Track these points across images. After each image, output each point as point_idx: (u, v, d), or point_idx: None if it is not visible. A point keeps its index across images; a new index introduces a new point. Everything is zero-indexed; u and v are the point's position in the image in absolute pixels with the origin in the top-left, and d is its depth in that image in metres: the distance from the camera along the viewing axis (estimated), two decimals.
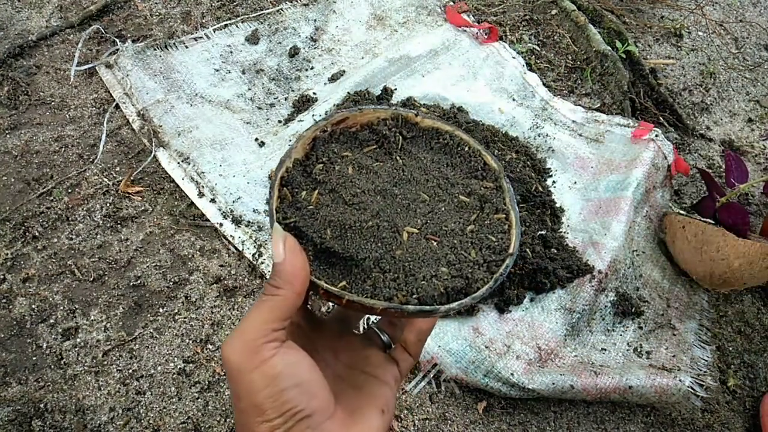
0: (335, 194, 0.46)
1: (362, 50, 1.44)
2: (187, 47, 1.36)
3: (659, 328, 1.07)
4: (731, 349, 1.09)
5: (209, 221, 1.10)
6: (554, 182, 1.24)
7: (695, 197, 1.30)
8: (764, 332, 1.12)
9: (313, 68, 1.40)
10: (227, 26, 1.41)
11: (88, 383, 0.92)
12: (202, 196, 1.12)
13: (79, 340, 0.95)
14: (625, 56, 1.44)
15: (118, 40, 1.32)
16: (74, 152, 1.17)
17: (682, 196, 1.31)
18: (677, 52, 1.59)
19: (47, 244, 1.05)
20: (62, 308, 0.98)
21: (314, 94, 1.33)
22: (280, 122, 1.28)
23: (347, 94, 1.28)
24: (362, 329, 0.89)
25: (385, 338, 0.49)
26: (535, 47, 1.51)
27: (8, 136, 1.18)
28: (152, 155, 1.17)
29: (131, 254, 1.05)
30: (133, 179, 1.15)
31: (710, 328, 1.10)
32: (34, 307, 0.98)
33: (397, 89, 1.32)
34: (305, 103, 1.30)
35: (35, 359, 0.93)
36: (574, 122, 1.34)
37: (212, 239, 1.09)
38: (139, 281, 1.02)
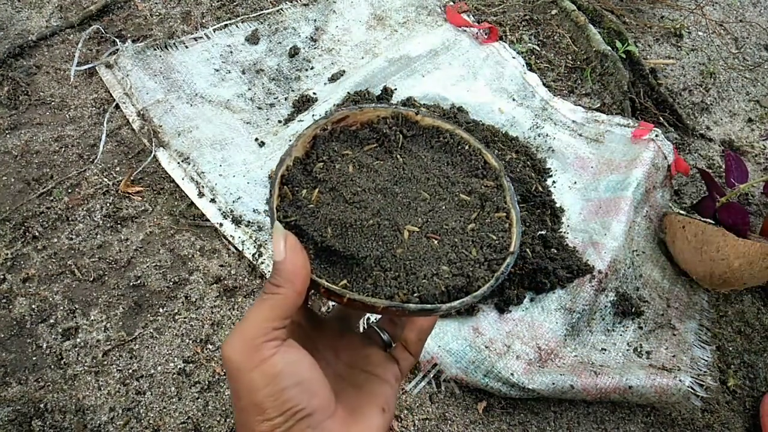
0: (336, 193, 0.46)
1: (362, 50, 1.44)
2: (187, 47, 1.36)
3: (659, 328, 1.07)
4: (731, 349, 1.09)
5: (209, 221, 1.10)
6: (554, 182, 1.24)
7: (695, 197, 1.30)
8: (764, 332, 1.12)
9: (313, 68, 1.40)
10: (227, 26, 1.41)
11: (88, 383, 0.92)
12: (202, 196, 1.12)
13: (79, 340, 0.95)
14: (625, 56, 1.44)
15: (118, 40, 1.32)
16: (74, 152, 1.17)
17: (682, 196, 1.31)
18: (677, 52, 1.59)
19: (47, 244, 1.05)
20: (62, 308, 0.98)
21: (314, 94, 1.33)
22: (280, 122, 1.28)
23: (347, 94, 1.28)
24: (363, 328, 0.89)
25: (385, 337, 0.49)
26: (535, 47, 1.51)
27: (8, 136, 1.18)
28: (152, 155, 1.17)
29: (131, 254, 1.05)
30: (133, 179, 1.15)
31: (710, 328, 1.10)
32: (34, 307, 0.98)
33: (397, 89, 1.32)
34: (305, 103, 1.30)
35: (35, 359, 0.93)
36: (574, 122, 1.34)
37: (212, 239, 1.09)
38: (139, 281, 1.02)
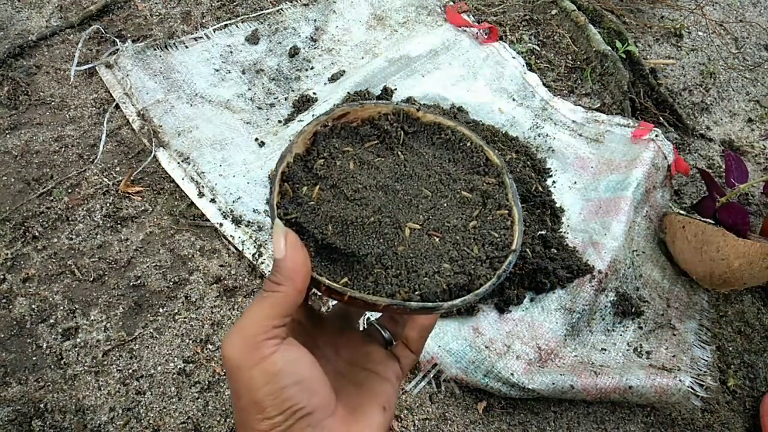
0: (336, 190, 0.45)
1: (362, 50, 1.44)
2: (187, 47, 1.35)
3: (659, 328, 1.06)
4: (731, 349, 1.09)
5: (209, 221, 1.10)
6: (554, 182, 1.24)
7: (695, 197, 1.30)
8: (764, 332, 1.12)
9: (313, 68, 1.40)
10: (227, 26, 1.41)
11: (88, 383, 0.91)
12: (202, 196, 1.12)
13: (79, 340, 0.95)
14: (625, 56, 1.44)
15: (118, 40, 1.32)
16: (74, 152, 1.17)
17: (682, 196, 1.31)
18: (677, 52, 1.59)
19: (47, 244, 1.05)
20: (62, 308, 0.98)
21: (314, 94, 1.33)
22: (280, 122, 1.28)
23: (347, 94, 1.28)
24: (363, 326, 0.89)
25: (386, 335, 0.49)
26: (535, 47, 1.51)
27: (8, 136, 1.18)
28: (152, 155, 1.17)
29: (131, 254, 1.05)
30: (133, 179, 1.15)
31: (710, 328, 1.09)
32: (34, 307, 0.98)
33: (397, 89, 1.32)
34: (305, 103, 1.30)
35: (35, 359, 0.93)
36: (574, 122, 1.34)
37: (212, 239, 1.09)
38: (139, 281, 1.02)
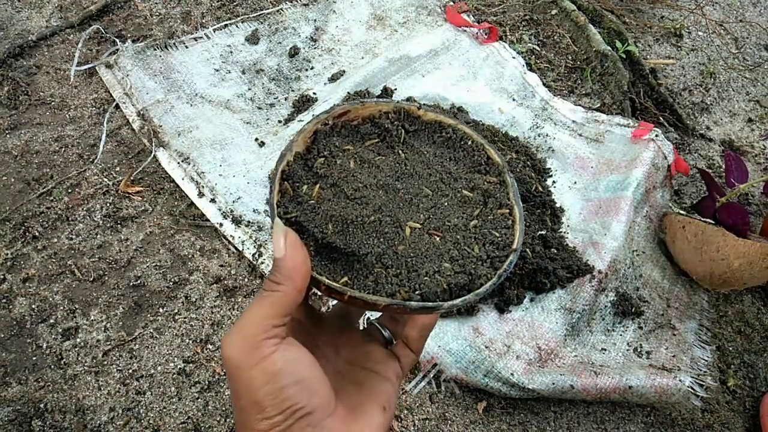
0: (337, 188, 0.45)
1: (362, 50, 1.44)
2: (187, 47, 1.35)
3: (659, 328, 1.06)
4: (731, 349, 1.09)
5: (209, 221, 1.10)
6: (554, 182, 1.24)
7: (695, 197, 1.30)
8: (764, 332, 1.12)
9: (313, 68, 1.40)
10: (227, 26, 1.41)
11: (88, 383, 0.91)
12: (202, 196, 1.12)
13: (79, 340, 0.95)
14: (625, 56, 1.44)
15: (118, 40, 1.32)
16: (74, 152, 1.17)
17: (682, 196, 1.31)
18: (677, 52, 1.59)
19: (47, 244, 1.05)
20: (62, 308, 0.98)
21: (314, 94, 1.33)
22: (280, 122, 1.28)
23: (347, 94, 1.28)
24: (363, 325, 0.89)
25: (386, 334, 0.49)
26: (535, 47, 1.51)
27: (8, 136, 1.18)
28: (152, 155, 1.17)
29: (131, 254, 1.05)
30: (133, 179, 1.15)
31: (710, 328, 1.09)
32: (34, 307, 0.98)
33: (397, 89, 1.32)
34: (305, 103, 1.30)
35: (35, 359, 0.93)
36: (574, 122, 1.34)
37: (212, 239, 1.09)
38: (139, 281, 1.02)
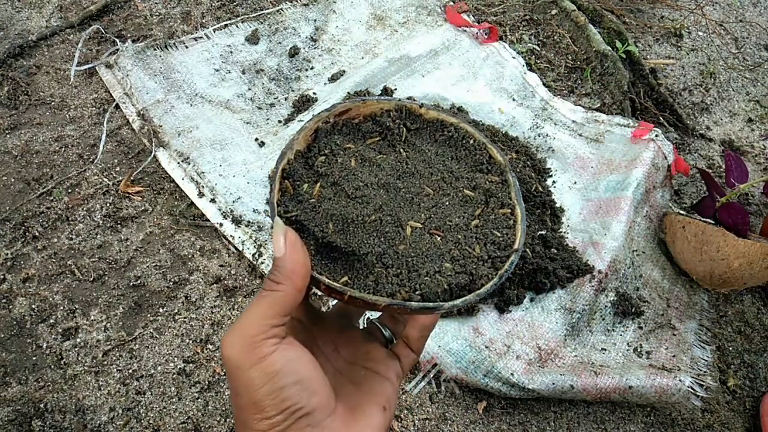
0: (337, 187, 0.45)
1: (362, 50, 1.44)
2: (187, 47, 1.35)
3: (659, 328, 1.06)
4: (731, 349, 1.09)
5: (209, 221, 1.10)
6: (554, 182, 1.23)
7: (695, 197, 1.30)
8: (764, 332, 1.12)
9: (313, 68, 1.39)
10: (227, 26, 1.41)
11: (88, 383, 0.91)
12: (202, 196, 1.12)
13: (79, 340, 0.95)
14: (625, 56, 1.44)
15: (118, 40, 1.32)
16: (74, 152, 1.17)
17: (682, 196, 1.31)
18: (677, 52, 1.59)
19: (47, 244, 1.05)
20: (62, 308, 0.98)
21: (314, 94, 1.33)
22: (280, 122, 1.28)
23: (347, 94, 1.28)
24: (363, 324, 0.89)
25: (387, 333, 0.49)
26: (535, 47, 1.51)
27: (8, 136, 1.18)
28: (152, 155, 1.17)
29: (131, 254, 1.05)
30: (133, 179, 1.15)
31: (710, 328, 1.09)
32: (34, 307, 0.98)
33: (397, 89, 1.32)
34: (305, 103, 1.30)
35: (35, 359, 0.93)
36: (574, 122, 1.34)
37: (212, 239, 1.09)
38: (139, 281, 1.02)
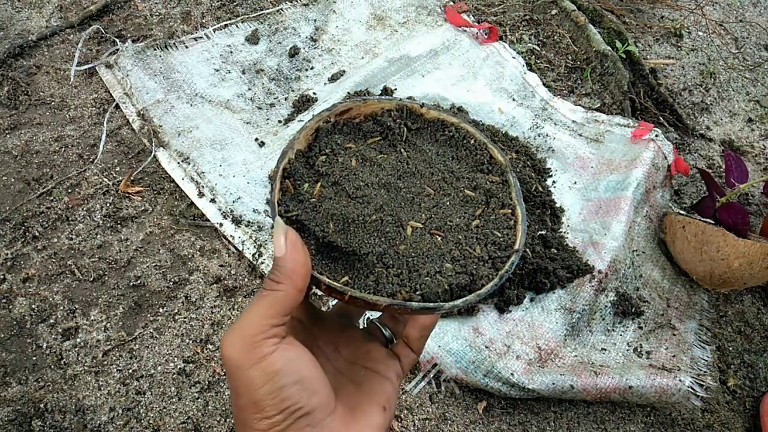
0: (338, 187, 0.45)
1: (362, 50, 1.44)
2: (187, 47, 1.35)
3: (659, 328, 1.06)
4: (731, 349, 1.09)
5: (209, 221, 1.10)
6: (554, 182, 1.23)
7: (695, 197, 1.30)
8: (764, 332, 1.12)
9: (313, 68, 1.39)
10: (227, 26, 1.41)
11: (88, 383, 0.91)
12: (202, 196, 1.12)
13: (79, 340, 0.95)
14: (625, 56, 1.44)
15: (118, 40, 1.32)
16: (74, 152, 1.17)
17: (682, 196, 1.31)
18: (677, 52, 1.59)
19: (47, 244, 1.05)
20: (62, 308, 0.98)
21: (314, 94, 1.33)
22: (280, 122, 1.28)
23: (347, 94, 1.28)
24: (364, 324, 0.89)
25: (387, 333, 0.49)
26: (535, 47, 1.51)
27: (8, 136, 1.18)
28: (152, 155, 1.17)
29: (131, 254, 1.05)
30: (133, 179, 1.15)
31: (710, 328, 1.09)
32: (34, 307, 0.98)
33: (397, 89, 1.32)
34: (305, 103, 1.30)
35: (35, 359, 0.93)
36: (574, 122, 1.34)
37: (212, 239, 1.09)
38: (139, 281, 1.02)
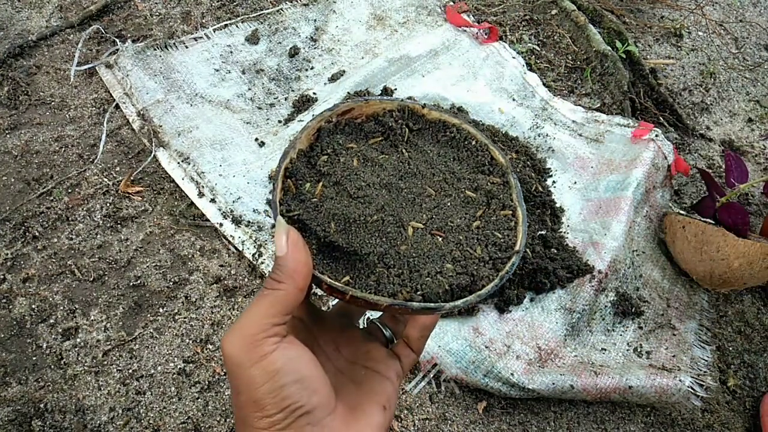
0: (340, 187, 0.45)
1: (362, 50, 1.44)
2: (187, 47, 1.35)
3: (659, 328, 1.06)
4: (731, 349, 1.09)
5: (209, 221, 1.10)
6: (554, 182, 1.24)
7: (695, 197, 1.30)
8: (764, 332, 1.12)
9: (313, 68, 1.40)
10: (227, 26, 1.41)
11: (88, 383, 0.91)
12: (202, 196, 1.12)
13: (79, 340, 0.95)
14: (625, 56, 1.44)
15: (118, 40, 1.32)
16: (74, 152, 1.17)
17: (682, 196, 1.31)
18: (677, 52, 1.59)
19: (47, 244, 1.05)
20: (62, 308, 0.98)
21: (314, 94, 1.33)
22: (280, 122, 1.28)
23: (347, 94, 1.28)
24: (364, 324, 0.89)
25: (387, 333, 0.49)
26: (535, 47, 1.51)
27: (8, 136, 1.18)
28: (152, 155, 1.17)
29: (131, 254, 1.05)
30: (133, 179, 1.15)
31: (710, 328, 1.09)
32: (34, 307, 0.98)
33: (397, 89, 1.33)
34: (305, 103, 1.30)
35: (35, 359, 0.93)
36: (574, 122, 1.34)
37: (212, 239, 1.09)
38: (139, 281, 1.02)
